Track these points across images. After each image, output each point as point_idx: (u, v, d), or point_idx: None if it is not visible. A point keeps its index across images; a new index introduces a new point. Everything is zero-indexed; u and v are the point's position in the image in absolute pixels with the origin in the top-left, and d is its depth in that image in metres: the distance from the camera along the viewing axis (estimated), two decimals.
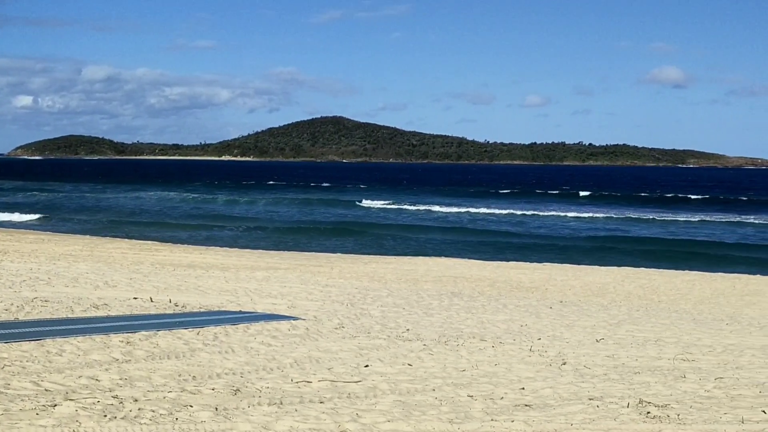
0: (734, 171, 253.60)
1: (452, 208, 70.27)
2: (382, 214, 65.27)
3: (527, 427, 8.60)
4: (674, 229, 53.88)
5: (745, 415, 9.25)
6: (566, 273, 29.44)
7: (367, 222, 56.31)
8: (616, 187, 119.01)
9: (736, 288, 26.01)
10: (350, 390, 9.99)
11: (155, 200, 79.30)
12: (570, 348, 13.82)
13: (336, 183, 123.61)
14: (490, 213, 66.53)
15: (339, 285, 22.65)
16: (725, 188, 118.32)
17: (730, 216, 63.26)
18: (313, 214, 64.08)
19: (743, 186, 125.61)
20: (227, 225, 52.95)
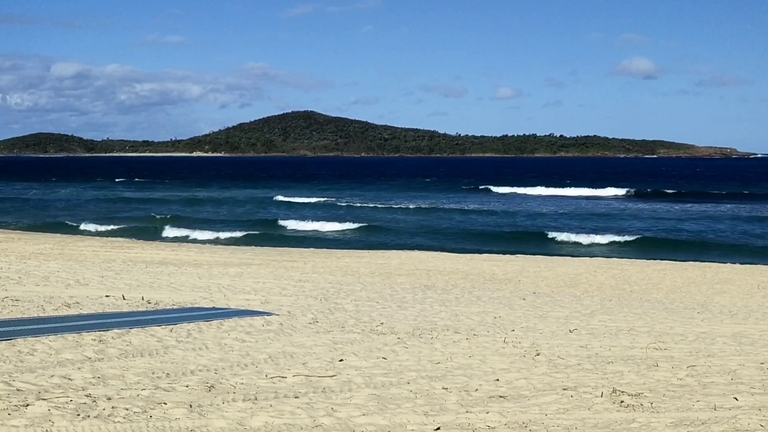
0: (704, 161, 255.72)
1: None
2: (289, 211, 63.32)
3: (502, 418, 8.64)
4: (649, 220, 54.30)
5: (717, 402, 9.34)
6: (539, 264, 29.58)
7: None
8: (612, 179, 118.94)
9: (707, 277, 26.26)
10: (325, 384, 9.97)
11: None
12: (544, 339, 13.89)
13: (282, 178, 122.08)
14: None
15: (313, 280, 22.62)
16: (698, 179, 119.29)
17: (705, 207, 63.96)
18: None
19: (716, 177, 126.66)
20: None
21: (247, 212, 60.01)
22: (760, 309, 19.11)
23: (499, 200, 72.72)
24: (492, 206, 64.76)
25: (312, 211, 60.83)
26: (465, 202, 68.91)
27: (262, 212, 60.04)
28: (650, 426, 8.40)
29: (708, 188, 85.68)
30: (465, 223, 51.30)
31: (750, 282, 24.82)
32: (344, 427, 8.19)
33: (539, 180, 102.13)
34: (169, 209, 60.03)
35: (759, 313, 18.34)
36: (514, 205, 65.91)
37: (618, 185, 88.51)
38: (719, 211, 59.59)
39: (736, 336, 14.62)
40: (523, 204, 67.81)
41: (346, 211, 61.28)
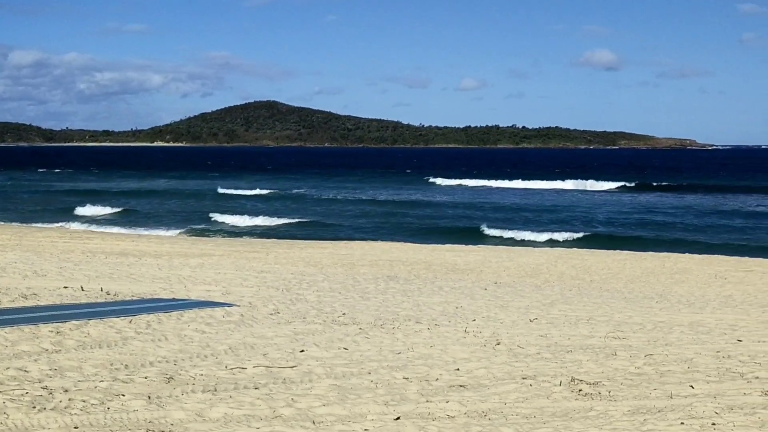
0: (663, 152, 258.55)
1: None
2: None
3: (462, 407, 8.68)
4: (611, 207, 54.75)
5: (673, 391, 9.47)
6: (500, 255, 29.74)
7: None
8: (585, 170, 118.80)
9: (666, 266, 26.57)
10: (285, 375, 9.95)
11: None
12: (504, 328, 13.97)
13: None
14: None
15: (274, 271, 22.54)
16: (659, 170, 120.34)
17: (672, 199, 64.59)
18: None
19: (675, 168, 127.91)
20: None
21: (183, 205, 56.38)
22: (716, 298, 19.38)
23: (444, 192, 71.50)
24: (435, 198, 63.77)
25: (252, 203, 58.53)
26: (407, 195, 67.68)
27: (198, 205, 56.60)
28: (608, 414, 8.50)
29: (669, 180, 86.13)
30: (398, 217, 49.66)
31: (707, 272, 25.15)
32: (304, 417, 8.19)
33: (504, 173, 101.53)
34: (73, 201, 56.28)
35: (716, 302, 18.59)
36: (455, 197, 64.78)
37: (575, 177, 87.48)
38: (683, 203, 60.19)
39: (693, 325, 14.81)
40: (464, 196, 66.86)
41: (281, 203, 59.14)
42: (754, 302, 18.78)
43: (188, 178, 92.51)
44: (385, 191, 71.84)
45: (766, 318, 15.89)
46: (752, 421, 8.18)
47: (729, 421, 8.17)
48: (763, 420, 8.22)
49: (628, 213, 51.89)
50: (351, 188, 76.11)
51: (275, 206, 56.26)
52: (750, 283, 22.82)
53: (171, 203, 58.62)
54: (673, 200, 62.28)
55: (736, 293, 20.58)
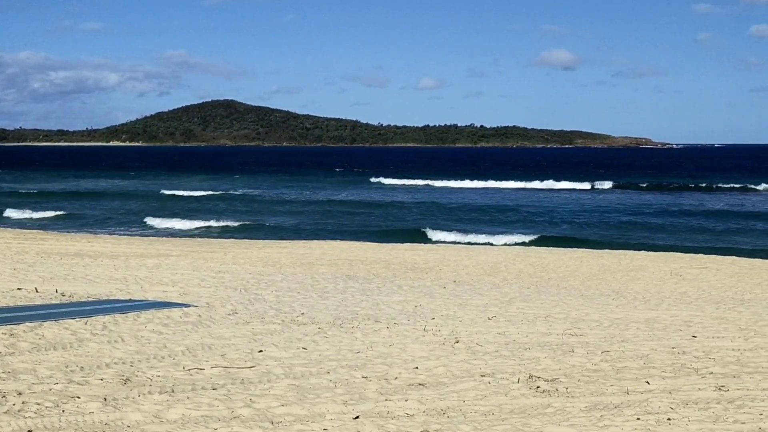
0: (620, 151, 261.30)
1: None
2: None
3: (420, 405, 8.69)
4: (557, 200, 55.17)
5: (629, 387, 9.57)
6: (459, 253, 29.86)
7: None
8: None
9: (622, 264, 26.86)
10: (244, 376, 9.89)
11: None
12: (463, 326, 14.02)
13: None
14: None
15: (232, 271, 22.41)
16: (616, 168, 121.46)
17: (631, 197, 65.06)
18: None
19: (634, 167, 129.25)
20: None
21: (119, 208, 53.99)
22: (672, 295, 19.63)
23: (389, 192, 70.74)
24: (377, 198, 62.94)
25: (193, 205, 56.83)
26: (351, 195, 66.92)
27: (136, 207, 54.53)
28: (565, 410, 8.56)
29: (624, 179, 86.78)
30: (337, 217, 48.95)
31: (663, 269, 25.46)
32: (262, 417, 8.14)
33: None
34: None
35: (671, 299, 18.83)
36: (401, 198, 64.09)
37: (529, 177, 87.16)
38: (638, 201, 60.82)
39: (649, 321, 14.98)
40: (404, 195, 66.32)
41: (224, 204, 57.72)
42: (709, 299, 19.05)
43: (137, 178, 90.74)
44: (324, 191, 70.97)
45: (720, 314, 16.13)
46: (706, 416, 8.29)
47: (684, 416, 8.28)
48: (717, 414, 8.34)
49: (585, 212, 52.36)
50: (296, 188, 75.66)
51: (219, 207, 55.33)
52: (704, 280, 23.16)
53: (108, 206, 56.31)
54: (628, 198, 63.00)
55: (691, 290, 20.87)
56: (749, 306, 17.66)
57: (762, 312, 16.50)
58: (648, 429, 7.87)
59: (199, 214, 49.07)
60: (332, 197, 64.10)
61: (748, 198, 63.29)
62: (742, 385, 9.67)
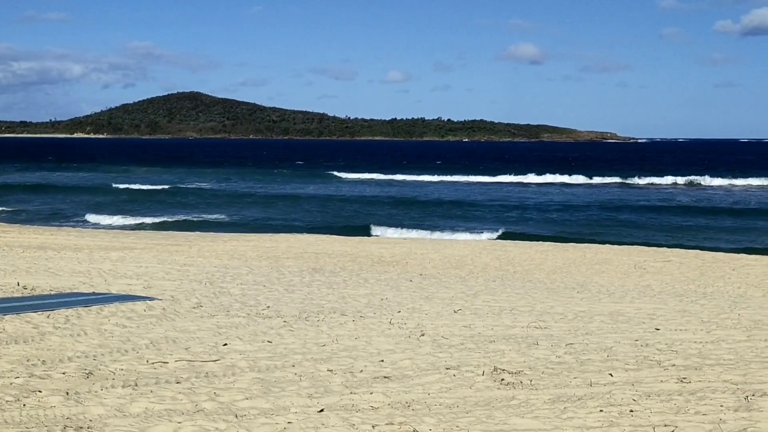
0: (585, 145, 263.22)
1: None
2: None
3: (386, 398, 8.70)
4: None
5: (593, 379, 9.64)
6: (426, 246, 29.91)
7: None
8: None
9: (587, 257, 27.05)
10: (208, 369, 9.84)
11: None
12: (429, 319, 14.05)
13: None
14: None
15: (198, 264, 22.27)
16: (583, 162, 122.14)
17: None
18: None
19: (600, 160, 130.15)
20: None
21: (61, 202, 51.84)
22: (636, 288, 19.81)
23: (345, 186, 69.97)
24: (330, 193, 61.91)
25: (139, 198, 55.29)
26: (308, 189, 65.94)
27: (81, 201, 52.60)
28: (529, 403, 8.61)
29: (588, 173, 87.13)
30: (283, 212, 48.15)
31: (627, 262, 25.69)
32: (227, 411, 8.10)
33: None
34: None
35: (635, 292, 19.01)
36: (357, 192, 63.01)
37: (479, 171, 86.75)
38: (598, 196, 61.24)
39: (613, 314, 15.10)
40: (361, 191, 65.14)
41: (171, 199, 55.77)
42: (672, 292, 19.25)
43: (93, 170, 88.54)
44: (276, 186, 69.91)
45: (683, 307, 16.30)
46: (668, 408, 8.38)
47: (646, 408, 8.36)
48: (679, 406, 8.43)
49: (552, 206, 52.67)
50: (251, 181, 75.05)
51: (168, 201, 53.98)
52: (668, 273, 23.39)
53: (51, 200, 53.96)
54: (595, 192, 63.49)
55: (654, 283, 21.07)
56: (711, 299, 17.87)
57: (724, 305, 16.70)
58: (611, 421, 7.94)
59: (142, 209, 47.91)
60: (287, 192, 63.16)
61: (710, 193, 63.99)
62: (703, 377, 9.78)
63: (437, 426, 7.78)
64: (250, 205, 52.42)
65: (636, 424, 7.84)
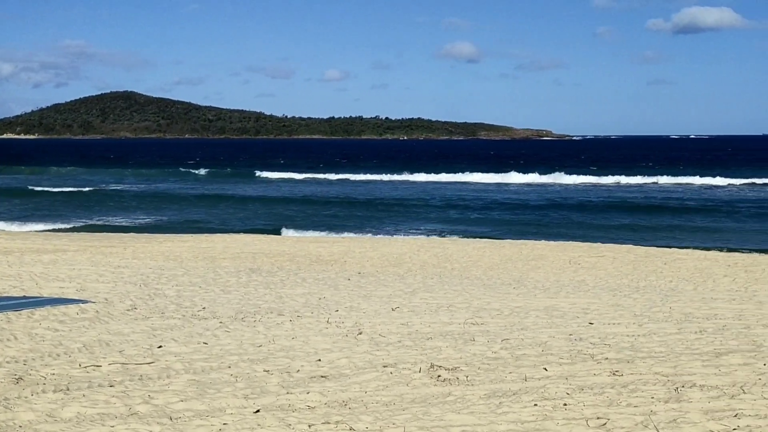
0: (521, 142, 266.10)
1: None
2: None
3: (322, 397, 8.68)
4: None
5: (528, 373, 9.75)
6: (364, 245, 29.93)
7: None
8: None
9: (523, 253, 27.35)
10: (142, 372, 9.71)
11: None
12: (366, 318, 14.06)
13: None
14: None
15: (132, 266, 21.96)
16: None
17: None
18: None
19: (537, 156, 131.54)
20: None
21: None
22: (570, 283, 20.09)
23: (270, 187, 68.86)
24: (251, 193, 60.69)
25: (43, 202, 52.54)
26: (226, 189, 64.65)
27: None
28: (465, 398, 8.67)
29: (523, 170, 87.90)
30: (187, 213, 47.13)
31: (562, 258, 26.03)
32: (161, 413, 8.01)
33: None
34: None
35: (569, 287, 19.27)
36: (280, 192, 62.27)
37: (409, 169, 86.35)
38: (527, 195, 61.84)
39: (548, 309, 15.29)
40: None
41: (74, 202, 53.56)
42: (605, 286, 19.57)
43: (18, 173, 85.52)
44: (197, 186, 68.88)
45: (616, 301, 16.58)
46: (601, 401, 8.51)
47: (579, 401, 8.48)
48: (611, 399, 8.57)
49: (490, 203, 53.10)
50: (178, 182, 74.05)
51: (84, 205, 51.56)
52: (602, 268, 23.76)
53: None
54: (532, 190, 64.22)
55: (588, 278, 21.39)
56: (644, 293, 18.21)
57: (656, 298, 17.03)
58: (545, 415, 8.04)
59: (54, 213, 46.01)
60: (211, 192, 61.87)
61: (647, 189, 65.18)
62: (635, 369, 9.96)
63: (374, 424, 7.79)
64: (169, 207, 51.29)
65: (569, 417, 7.95)
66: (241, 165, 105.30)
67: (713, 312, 14.76)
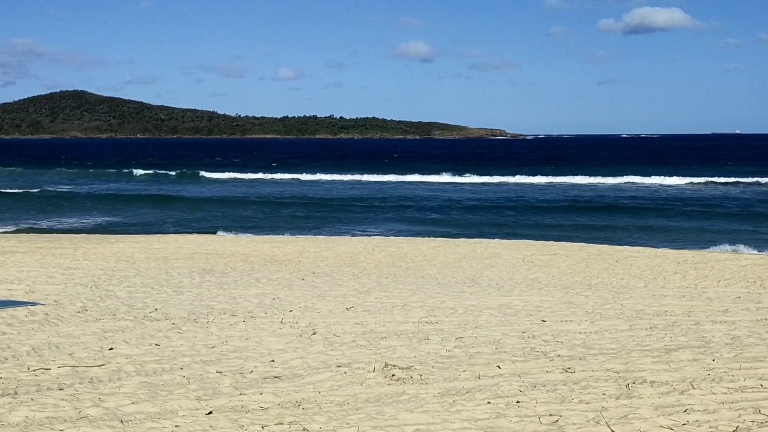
0: (476, 142, 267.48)
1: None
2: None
3: (276, 398, 8.63)
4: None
5: (481, 371, 9.80)
6: (319, 244, 29.85)
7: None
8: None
9: (477, 252, 27.49)
10: (93, 374, 9.57)
11: None
12: (321, 318, 14.02)
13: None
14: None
15: (83, 267, 21.65)
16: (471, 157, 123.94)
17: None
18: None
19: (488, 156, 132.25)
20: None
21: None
22: (524, 281, 20.24)
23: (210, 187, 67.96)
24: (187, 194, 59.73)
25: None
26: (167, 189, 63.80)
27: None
28: (419, 397, 8.68)
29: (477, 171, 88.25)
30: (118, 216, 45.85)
31: (516, 256, 26.22)
32: (112, 416, 7.90)
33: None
34: None
35: (523, 285, 19.41)
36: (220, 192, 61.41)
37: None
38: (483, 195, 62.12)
39: (502, 307, 15.38)
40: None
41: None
42: (558, 284, 19.75)
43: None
44: (138, 187, 67.72)
45: (568, 299, 16.73)
46: (553, 397, 8.58)
47: (532, 399, 8.54)
48: (564, 396, 8.64)
49: (444, 203, 53.25)
50: (120, 182, 73.03)
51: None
52: (554, 266, 23.98)
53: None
54: (489, 190, 64.56)
55: (541, 276, 21.57)
56: (596, 290, 18.40)
57: (607, 296, 17.22)
58: (498, 412, 8.08)
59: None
60: (161, 192, 60.85)
61: (600, 188, 65.88)
62: (587, 366, 10.05)
63: (327, 424, 7.76)
64: (122, 208, 50.15)
65: (522, 414, 8.00)
66: (194, 165, 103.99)
67: (663, 309, 14.97)
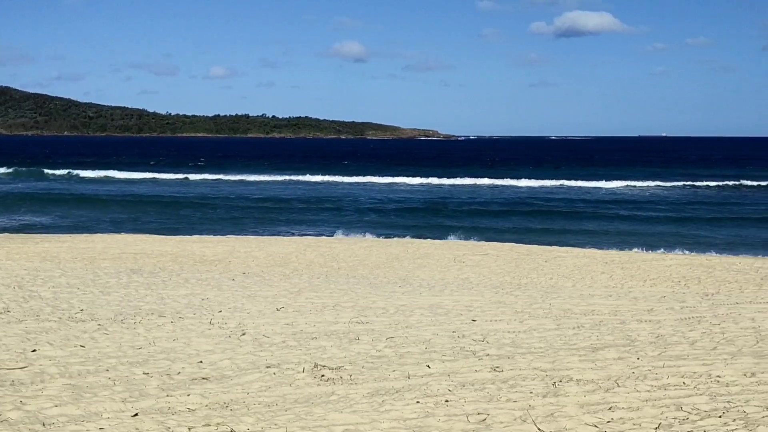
0: (409, 142, 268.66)
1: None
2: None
3: (203, 399, 8.54)
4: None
5: (411, 371, 9.83)
6: (250, 244, 29.63)
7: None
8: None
9: (409, 252, 27.59)
10: (14, 377, 9.34)
11: None
12: (250, 318, 13.90)
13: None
14: None
15: (5, 267, 21.11)
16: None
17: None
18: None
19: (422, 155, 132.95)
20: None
21: None
22: (455, 281, 20.38)
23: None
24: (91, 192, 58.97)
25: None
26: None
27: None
28: (348, 397, 8.67)
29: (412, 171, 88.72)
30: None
31: (447, 256, 26.39)
32: (33, 419, 7.71)
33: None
34: None
35: (454, 285, 19.54)
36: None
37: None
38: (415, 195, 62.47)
39: (433, 307, 15.45)
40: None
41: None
42: (489, 284, 19.93)
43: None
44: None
45: (498, 298, 16.89)
46: (482, 396, 8.64)
47: (461, 398, 8.59)
48: (492, 394, 8.71)
49: (380, 204, 53.33)
50: (46, 181, 71.55)
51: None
52: (485, 266, 24.20)
53: None
54: (424, 190, 64.87)
55: (472, 276, 21.75)
56: (525, 290, 18.62)
57: (536, 295, 17.43)
58: (426, 411, 8.11)
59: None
60: (89, 192, 59.67)
61: (533, 191, 66.71)
62: (515, 365, 10.16)
63: (255, 425, 7.70)
64: (49, 208, 48.85)
65: (450, 413, 8.04)
66: (122, 163, 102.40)
67: (591, 308, 15.21)
